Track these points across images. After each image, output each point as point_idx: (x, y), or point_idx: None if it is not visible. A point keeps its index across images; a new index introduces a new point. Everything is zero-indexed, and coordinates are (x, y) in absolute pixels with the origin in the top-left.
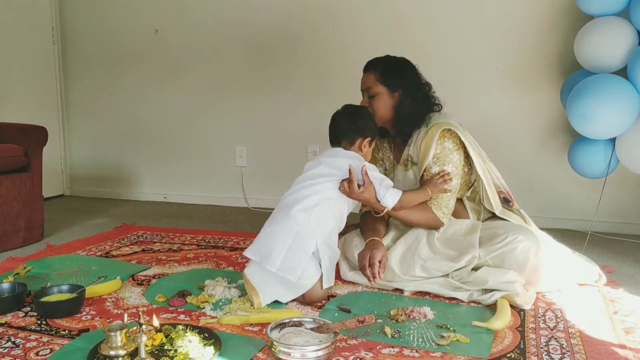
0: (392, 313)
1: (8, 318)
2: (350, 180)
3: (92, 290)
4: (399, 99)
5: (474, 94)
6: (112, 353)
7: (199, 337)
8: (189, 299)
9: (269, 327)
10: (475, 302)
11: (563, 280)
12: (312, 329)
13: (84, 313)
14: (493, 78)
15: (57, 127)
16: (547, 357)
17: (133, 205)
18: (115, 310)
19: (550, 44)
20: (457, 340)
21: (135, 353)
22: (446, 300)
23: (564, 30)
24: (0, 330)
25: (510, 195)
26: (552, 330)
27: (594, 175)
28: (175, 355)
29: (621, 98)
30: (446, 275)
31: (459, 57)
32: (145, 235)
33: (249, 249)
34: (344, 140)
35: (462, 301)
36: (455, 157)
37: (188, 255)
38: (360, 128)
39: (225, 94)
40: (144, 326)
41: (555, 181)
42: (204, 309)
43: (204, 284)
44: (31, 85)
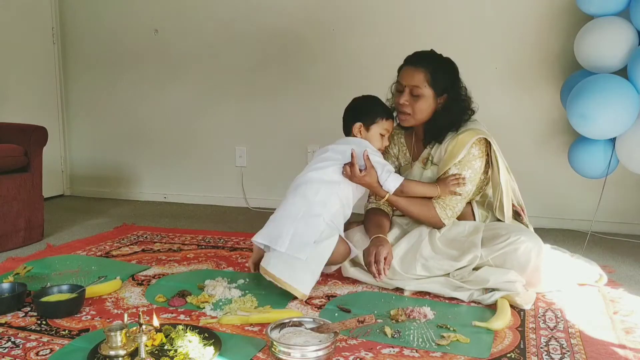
0: (392, 313)
1: (8, 318)
2: (352, 163)
3: (92, 290)
4: (442, 104)
5: (473, 94)
6: (112, 353)
7: (199, 337)
8: (189, 299)
9: (269, 327)
10: (475, 302)
11: (563, 281)
12: (312, 329)
13: (84, 313)
14: (493, 78)
15: (57, 127)
16: (547, 357)
17: (133, 205)
18: (115, 310)
19: (550, 44)
20: (457, 340)
21: (135, 353)
22: (446, 300)
23: (564, 30)
24: (0, 330)
25: (524, 210)
26: (552, 330)
27: (594, 175)
28: (175, 355)
29: (621, 98)
30: (447, 274)
31: (459, 57)
32: (145, 235)
33: (259, 233)
34: (346, 128)
35: (462, 301)
36: (477, 164)
37: (188, 255)
38: (352, 115)
39: (225, 94)
40: (144, 326)
41: (555, 181)
42: (204, 309)
43: (204, 284)
44: (31, 85)
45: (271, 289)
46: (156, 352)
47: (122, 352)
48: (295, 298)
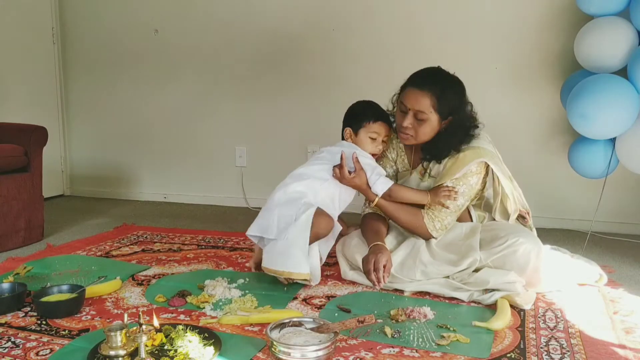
0: (392, 313)
1: (8, 318)
2: (341, 165)
3: (92, 290)
4: (447, 125)
5: (473, 94)
6: (112, 353)
7: (199, 337)
8: (189, 299)
9: (269, 327)
10: (475, 302)
11: (563, 281)
12: (312, 329)
13: (84, 313)
14: (493, 78)
15: (57, 127)
16: (547, 357)
17: (133, 205)
18: (115, 310)
19: (550, 44)
20: (457, 340)
21: (135, 353)
22: (446, 300)
23: (564, 30)
24: (0, 330)
25: (529, 213)
26: (552, 330)
27: (594, 175)
28: (175, 355)
29: (621, 98)
30: (447, 277)
31: (459, 57)
32: (145, 235)
33: (251, 227)
34: (342, 134)
35: (462, 301)
36: (473, 180)
37: (188, 255)
38: (343, 121)
39: (225, 94)
40: (144, 326)
41: (555, 181)
42: (204, 309)
43: (204, 284)
44: (31, 85)
45: (271, 289)
46: (156, 352)
47: (122, 352)
48: (295, 298)
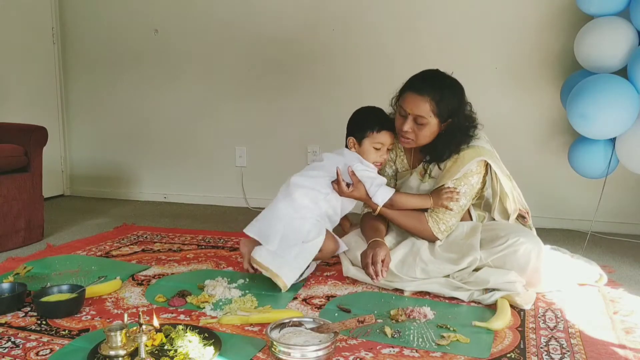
0: (392, 313)
1: (8, 318)
2: (337, 181)
3: (92, 290)
4: (446, 127)
5: (474, 94)
6: (112, 353)
7: (199, 337)
8: (189, 299)
9: (269, 327)
10: (475, 302)
11: (563, 281)
12: (312, 329)
13: (84, 313)
14: (493, 78)
15: (57, 127)
16: (547, 357)
17: (133, 205)
18: (115, 310)
19: (550, 44)
20: (457, 340)
21: (135, 353)
22: (446, 300)
23: (564, 30)
24: (0, 330)
25: (528, 213)
26: (552, 330)
27: (594, 175)
28: (175, 355)
29: (621, 98)
30: (447, 275)
31: (459, 57)
32: (145, 235)
33: (250, 227)
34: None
35: (462, 301)
36: (473, 180)
37: (188, 255)
38: (347, 129)
39: (225, 94)
40: (144, 326)
41: (555, 181)
42: (204, 309)
43: (204, 284)
44: (31, 85)
45: (271, 289)
46: (156, 352)
47: (122, 352)
48: (295, 298)
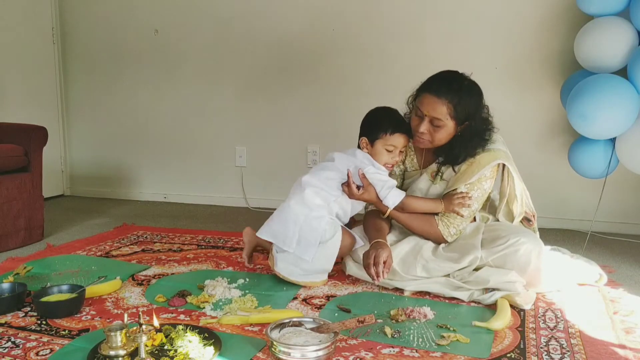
0: (392, 313)
1: (8, 318)
2: (348, 183)
3: (92, 290)
4: (462, 130)
5: None
6: (112, 353)
7: (199, 337)
8: (189, 299)
9: (269, 327)
10: (475, 302)
11: (563, 281)
12: (312, 329)
13: (84, 313)
14: (493, 78)
15: (57, 127)
16: (547, 357)
17: (133, 205)
18: (115, 310)
19: (550, 43)
20: (457, 340)
21: (135, 353)
22: (446, 300)
23: (564, 30)
24: (0, 330)
25: (534, 216)
26: (552, 330)
27: (594, 175)
28: (175, 355)
29: (621, 98)
30: (447, 275)
31: (459, 57)
32: (145, 235)
33: (263, 229)
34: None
35: (462, 301)
36: (486, 185)
37: (188, 255)
38: (361, 129)
39: (226, 94)
40: (144, 326)
41: (555, 181)
42: (204, 309)
43: (204, 284)
44: (31, 85)
45: (271, 289)
46: (156, 352)
47: (122, 352)
48: (295, 298)
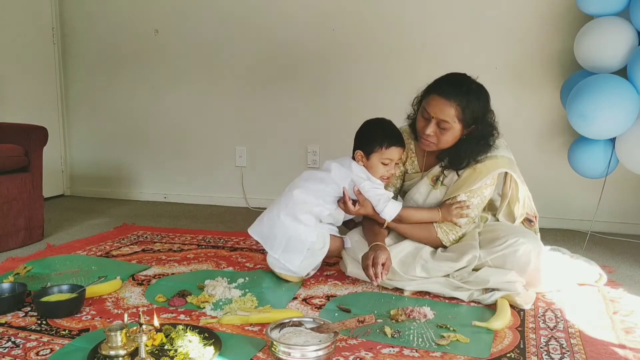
0: (392, 313)
1: (8, 318)
2: (344, 201)
3: (92, 290)
4: (468, 133)
5: None
6: (112, 353)
7: (199, 337)
8: (189, 299)
9: (269, 327)
10: (475, 302)
11: (563, 281)
12: (312, 329)
13: (84, 313)
14: (493, 78)
15: (57, 127)
16: (547, 357)
17: (133, 205)
18: (115, 310)
19: (550, 44)
20: (457, 340)
21: (135, 353)
22: (446, 300)
23: (564, 30)
24: (0, 330)
25: (536, 217)
26: (552, 330)
27: (594, 175)
28: (175, 355)
29: (621, 98)
30: (447, 275)
31: (459, 57)
32: (145, 235)
33: (254, 228)
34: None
35: (462, 301)
36: (487, 192)
37: (188, 255)
38: (355, 142)
39: (225, 94)
40: (144, 326)
41: (555, 181)
42: (204, 309)
43: (204, 284)
44: (31, 85)
45: (271, 289)
46: (156, 352)
47: (122, 352)
48: (295, 298)
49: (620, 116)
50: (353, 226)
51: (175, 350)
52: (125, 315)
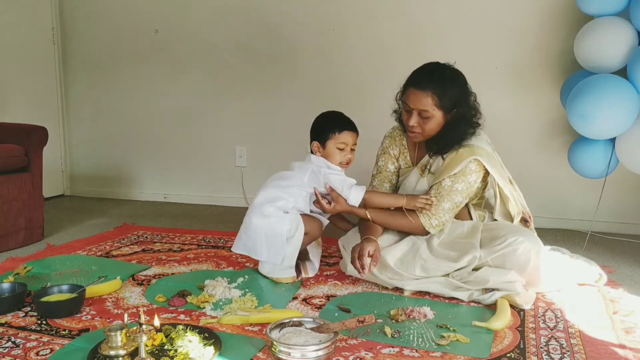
0: (392, 313)
1: (8, 318)
2: (317, 201)
3: (92, 290)
4: (451, 118)
5: None
6: (112, 353)
7: (199, 337)
8: (189, 299)
9: (269, 327)
10: (475, 302)
11: (563, 281)
12: (312, 329)
13: (84, 313)
14: (493, 78)
15: (57, 127)
16: (547, 357)
17: (133, 205)
18: (115, 310)
19: (550, 44)
20: (457, 340)
21: (135, 353)
22: (446, 300)
23: (564, 30)
24: (0, 330)
25: (530, 217)
26: (552, 330)
27: (594, 175)
28: (175, 355)
29: (621, 98)
30: (447, 275)
31: (459, 57)
32: (145, 235)
33: (237, 245)
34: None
35: (462, 301)
36: (472, 178)
37: (188, 255)
38: (312, 135)
39: (226, 94)
40: (144, 326)
41: (555, 181)
42: (204, 309)
43: (204, 284)
44: (31, 85)
45: (271, 289)
46: (156, 352)
47: (122, 352)
48: (295, 298)
49: (620, 116)
50: (350, 228)
51: (175, 350)
52: (125, 315)
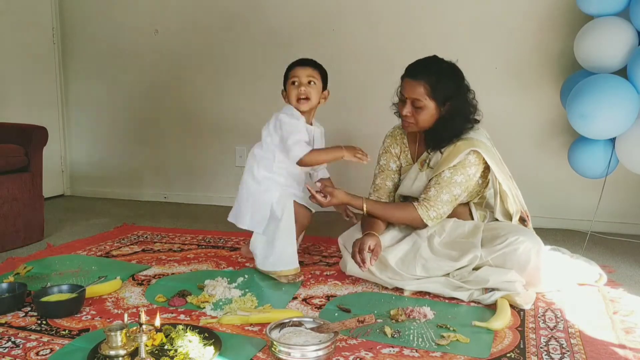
0: (392, 313)
1: (8, 318)
2: (312, 195)
3: (92, 290)
4: (445, 111)
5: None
6: (112, 353)
7: (199, 337)
8: (189, 299)
9: (269, 327)
10: (475, 302)
11: (563, 281)
12: (312, 329)
13: (84, 313)
14: (493, 78)
15: (57, 127)
16: (547, 357)
17: (133, 205)
18: (115, 310)
19: (550, 44)
20: (457, 340)
21: (135, 353)
22: (446, 300)
23: (564, 30)
24: (0, 330)
25: (528, 216)
26: (552, 330)
27: (594, 175)
28: (175, 355)
29: (621, 98)
30: (447, 274)
31: (459, 57)
32: (145, 235)
33: (231, 213)
34: None
35: (462, 301)
36: (471, 171)
37: (188, 255)
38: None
39: (225, 93)
40: (144, 326)
41: (555, 181)
42: (204, 309)
43: (204, 284)
44: (31, 85)
45: (271, 289)
46: (156, 352)
47: (122, 352)
48: (295, 298)
49: (620, 116)
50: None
51: (175, 350)
52: (125, 315)
